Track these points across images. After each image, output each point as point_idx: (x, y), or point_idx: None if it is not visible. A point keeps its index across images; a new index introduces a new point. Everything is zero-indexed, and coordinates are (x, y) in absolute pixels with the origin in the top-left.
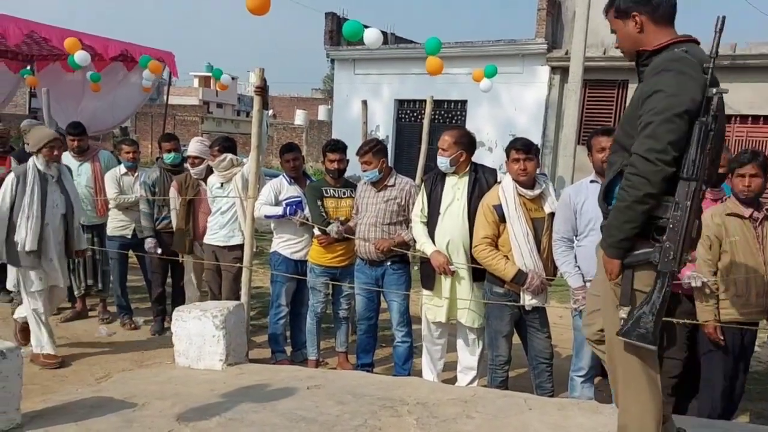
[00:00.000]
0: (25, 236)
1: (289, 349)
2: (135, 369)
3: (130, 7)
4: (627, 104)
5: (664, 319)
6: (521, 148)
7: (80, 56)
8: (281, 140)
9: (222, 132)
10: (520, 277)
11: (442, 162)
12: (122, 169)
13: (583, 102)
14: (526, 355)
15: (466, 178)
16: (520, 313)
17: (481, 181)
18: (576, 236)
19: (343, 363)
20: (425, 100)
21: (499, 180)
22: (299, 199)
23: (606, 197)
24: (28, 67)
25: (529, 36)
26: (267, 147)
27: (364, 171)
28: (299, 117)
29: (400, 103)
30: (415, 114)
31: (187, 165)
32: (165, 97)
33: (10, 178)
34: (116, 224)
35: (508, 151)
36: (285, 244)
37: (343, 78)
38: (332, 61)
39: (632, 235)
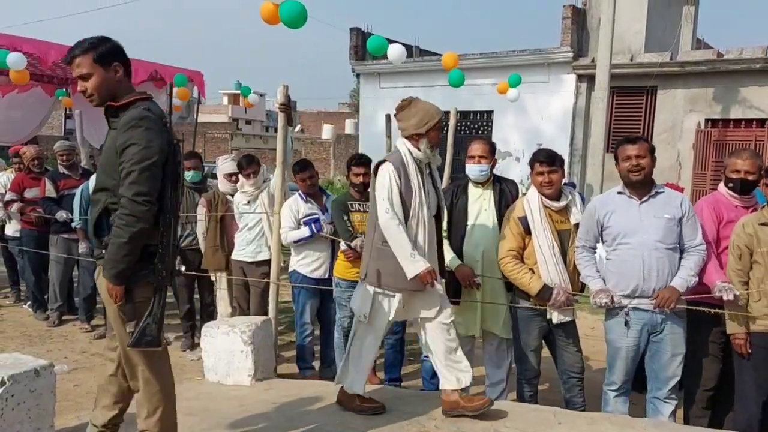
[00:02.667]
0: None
1: (317, 365)
2: None
3: (159, 26)
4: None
5: (696, 332)
6: (545, 161)
7: None
8: (309, 154)
9: (251, 148)
10: (545, 292)
11: (483, 169)
12: None
13: (610, 109)
14: (557, 369)
15: (490, 189)
16: (549, 327)
17: (506, 191)
18: (604, 246)
19: (371, 378)
20: (450, 112)
21: (523, 192)
22: (316, 215)
23: (96, 232)
24: (64, 89)
25: (554, 45)
26: (293, 162)
27: None
28: (326, 131)
29: None
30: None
31: (212, 182)
32: (195, 116)
33: (389, 169)
34: None
35: (531, 163)
36: (303, 263)
37: (368, 92)
38: (358, 75)
39: (132, 263)
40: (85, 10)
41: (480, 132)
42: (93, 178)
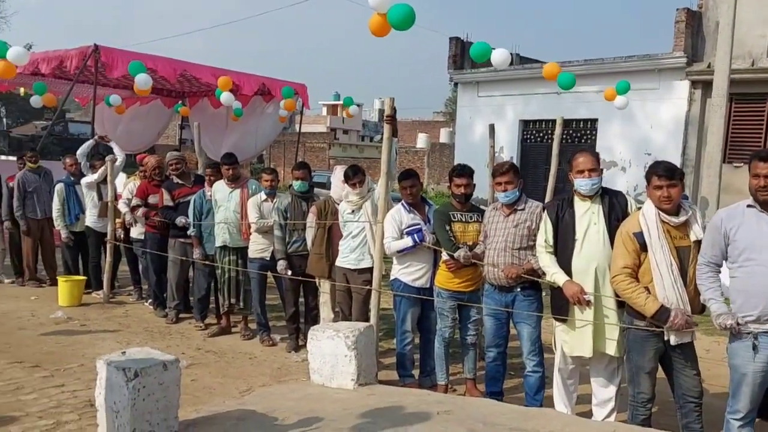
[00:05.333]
0: None
1: (416, 373)
2: (273, 384)
3: (262, 42)
4: None
5: None
6: (664, 174)
7: (226, 97)
8: (403, 164)
9: (347, 157)
10: (663, 313)
11: (594, 183)
12: (263, 195)
13: (728, 117)
14: (672, 393)
15: (598, 202)
16: (665, 348)
17: (615, 204)
18: (727, 263)
19: (471, 390)
20: (552, 120)
21: (638, 206)
22: (419, 226)
23: None
24: (180, 102)
25: (666, 50)
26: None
27: (505, 191)
28: (421, 140)
29: (525, 124)
30: (540, 134)
31: (320, 192)
32: (297, 127)
33: None
34: (256, 247)
35: (648, 176)
36: (405, 271)
37: (466, 100)
38: (455, 84)
39: None
40: (201, 28)
41: (584, 141)
42: (214, 187)
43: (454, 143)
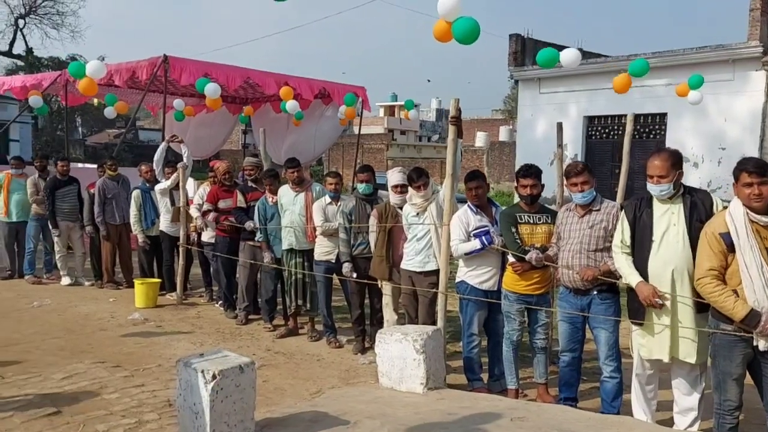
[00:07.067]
0: None
1: (485, 377)
2: (342, 386)
3: (317, 45)
4: None
5: None
6: (754, 171)
7: (291, 105)
8: (462, 162)
9: (406, 158)
10: (753, 318)
11: (663, 189)
12: (327, 198)
13: None
14: (761, 400)
15: (680, 202)
16: (754, 353)
17: (698, 204)
18: None
19: (543, 395)
20: (618, 116)
21: (725, 206)
22: (487, 228)
23: None
24: (243, 111)
25: (740, 39)
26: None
27: (582, 192)
28: (480, 139)
29: (590, 120)
30: (606, 130)
31: (383, 193)
32: (356, 129)
33: None
34: (322, 250)
35: (736, 173)
36: (472, 274)
37: (527, 98)
38: (516, 81)
39: None
40: (261, 36)
41: (652, 136)
42: (280, 191)
43: (515, 141)
